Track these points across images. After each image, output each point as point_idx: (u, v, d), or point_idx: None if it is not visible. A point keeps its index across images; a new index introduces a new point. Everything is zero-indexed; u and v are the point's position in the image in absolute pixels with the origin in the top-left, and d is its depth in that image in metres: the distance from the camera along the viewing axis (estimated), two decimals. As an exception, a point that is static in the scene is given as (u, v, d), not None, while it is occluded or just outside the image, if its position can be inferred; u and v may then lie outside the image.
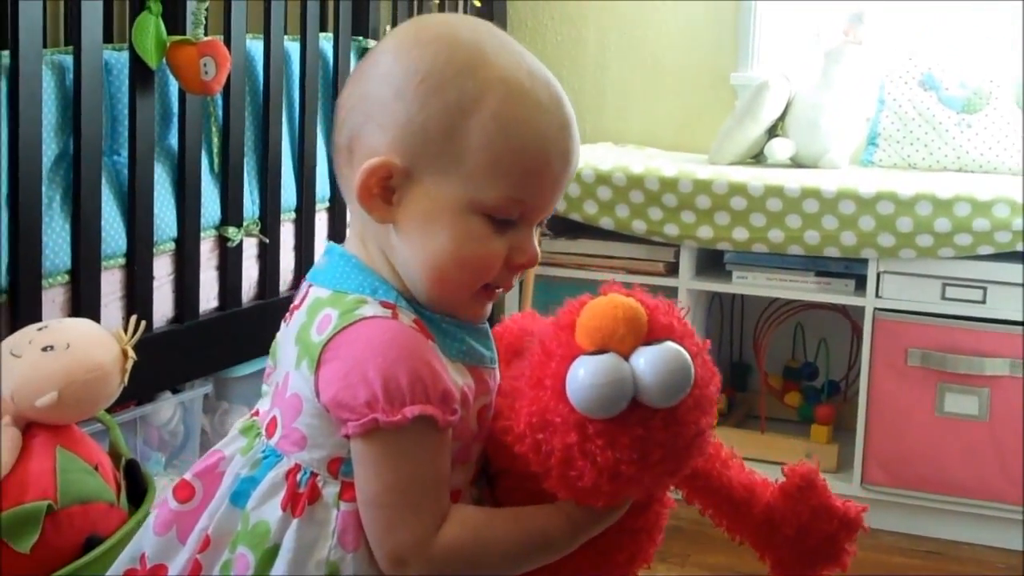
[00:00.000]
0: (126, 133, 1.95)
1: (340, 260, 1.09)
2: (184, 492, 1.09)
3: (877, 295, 2.72)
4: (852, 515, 1.19)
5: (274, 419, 1.07)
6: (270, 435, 1.07)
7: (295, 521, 1.03)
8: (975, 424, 2.66)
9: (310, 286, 1.09)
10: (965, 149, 2.99)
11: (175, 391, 2.18)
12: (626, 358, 1.02)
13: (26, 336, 1.45)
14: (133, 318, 1.51)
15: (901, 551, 2.66)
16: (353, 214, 1.11)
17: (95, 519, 1.38)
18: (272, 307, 2.32)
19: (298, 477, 1.04)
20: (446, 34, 1.06)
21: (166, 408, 2.15)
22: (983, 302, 2.65)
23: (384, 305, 1.04)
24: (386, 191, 1.04)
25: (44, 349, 1.42)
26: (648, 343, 1.03)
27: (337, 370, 1.00)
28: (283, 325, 1.11)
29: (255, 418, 1.11)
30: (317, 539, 1.03)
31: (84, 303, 1.84)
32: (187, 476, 1.10)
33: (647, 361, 1.01)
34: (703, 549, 2.49)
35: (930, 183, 2.72)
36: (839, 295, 2.81)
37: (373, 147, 1.04)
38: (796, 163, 3.04)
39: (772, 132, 3.06)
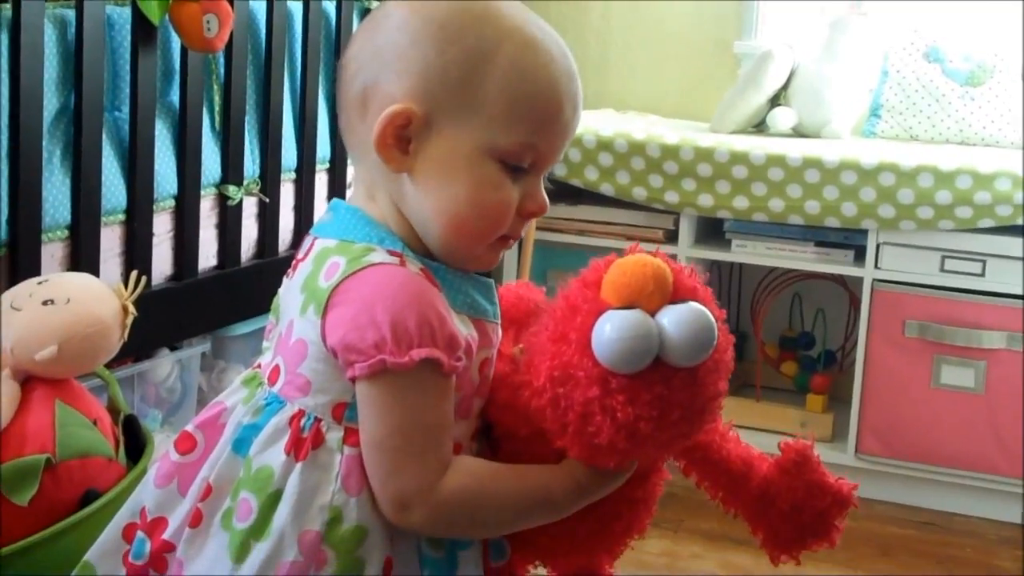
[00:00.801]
0: (127, 89, 1.94)
1: (346, 214, 1.09)
2: (186, 444, 1.09)
3: (876, 266, 2.73)
4: (845, 492, 1.20)
5: (277, 367, 1.07)
6: (272, 383, 1.07)
7: (299, 465, 1.03)
8: (971, 396, 2.67)
9: (315, 239, 1.09)
10: (968, 122, 2.99)
11: (173, 348, 2.18)
12: (652, 316, 1.02)
13: (26, 289, 1.44)
14: (134, 273, 1.51)
15: (895, 521, 2.67)
16: (363, 167, 1.11)
17: (93, 473, 1.38)
18: (271, 267, 2.31)
19: (302, 422, 1.04)
20: None
21: (164, 365, 2.14)
22: (982, 275, 2.65)
23: (392, 253, 1.04)
24: (402, 140, 1.05)
25: (44, 303, 1.41)
26: (673, 303, 1.03)
27: (345, 313, 1.00)
28: (285, 279, 1.11)
29: (257, 370, 1.11)
30: (320, 483, 1.02)
31: (83, 259, 1.84)
32: (189, 428, 1.10)
33: (672, 319, 1.01)
34: (696, 515, 2.50)
35: (932, 155, 2.72)
36: (838, 265, 2.81)
37: (391, 95, 1.04)
38: (798, 133, 3.03)
39: (775, 101, 3.06)
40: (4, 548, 1.27)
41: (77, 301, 1.42)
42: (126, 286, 1.51)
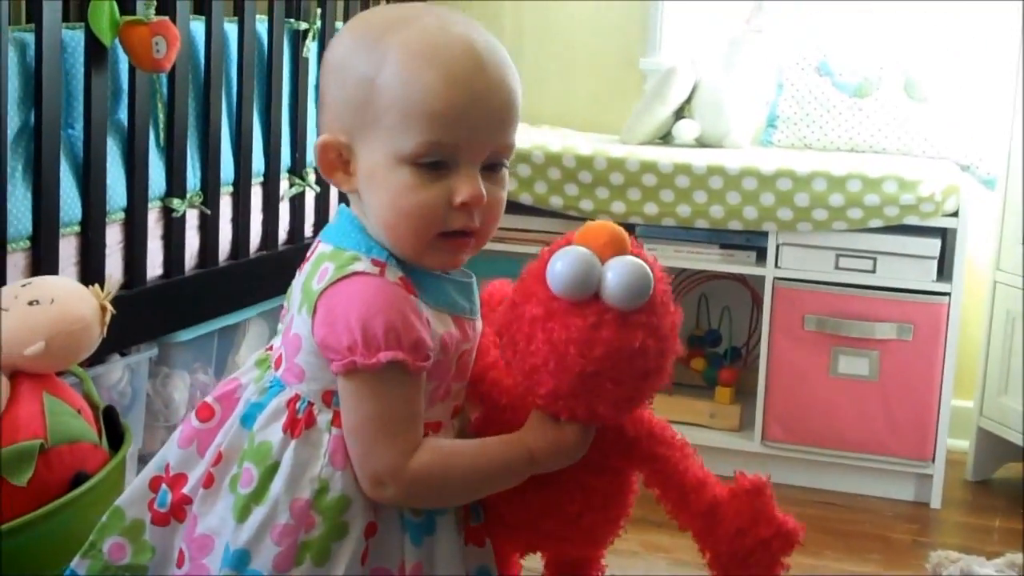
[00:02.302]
0: (79, 108, 2.05)
1: (345, 221, 1.23)
2: (205, 413, 1.24)
3: (776, 265, 2.92)
4: (788, 527, 1.26)
5: (280, 354, 1.22)
6: (277, 368, 1.22)
7: (293, 442, 1.18)
8: (866, 384, 2.88)
9: (319, 242, 1.24)
10: (857, 131, 3.20)
11: (123, 354, 2.29)
12: (601, 261, 1.18)
13: (11, 292, 1.56)
14: (109, 274, 1.63)
15: (798, 502, 2.86)
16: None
17: (82, 457, 1.50)
18: (212, 275, 2.43)
19: (297, 405, 1.19)
20: (364, 17, 1.22)
21: (115, 370, 2.24)
22: (873, 271, 2.86)
23: (375, 263, 1.18)
24: (344, 163, 1.20)
25: (30, 303, 1.53)
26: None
27: (327, 316, 1.15)
28: (299, 272, 1.25)
29: (268, 352, 1.26)
30: (311, 458, 1.18)
31: (44, 268, 1.94)
32: (208, 399, 1.25)
33: (615, 263, 1.17)
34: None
35: (825, 162, 2.92)
36: (741, 266, 3.00)
37: (322, 127, 1.22)
38: (701, 143, 3.21)
39: (679, 114, 3.24)
40: (4, 525, 1.39)
41: (61, 301, 1.54)
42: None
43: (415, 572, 1.22)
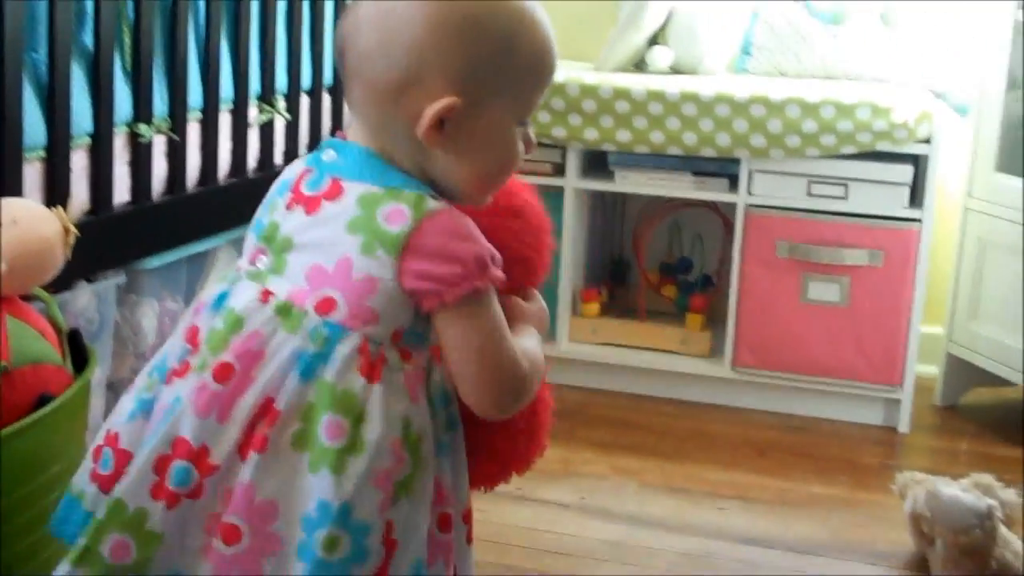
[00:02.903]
0: (43, 31, 2.02)
1: (369, 159, 1.22)
2: (225, 372, 1.17)
3: (749, 192, 2.93)
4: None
5: (330, 299, 1.18)
6: (325, 312, 1.18)
7: (377, 386, 1.17)
8: (836, 310, 2.90)
9: (339, 179, 1.21)
10: (832, 58, 3.20)
11: (89, 281, 2.27)
12: None
13: (-28, 214, 1.55)
14: (72, 197, 1.61)
15: (769, 427, 2.89)
16: (385, 134, 1.23)
17: (46, 379, 1.49)
18: (181, 202, 2.41)
19: (370, 348, 1.18)
20: None
21: (82, 296, 2.24)
22: (845, 198, 2.87)
23: (433, 197, 1.20)
24: (439, 122, 1.20)
25: (-9, 225, 1.52)
26: None
27: (429, 253, 1.16)
28: (288, 211, 1.23)
29: (284, 299, 1.20)
30: (394, 398, 1.18)
31: (8, 193, 1.92)
32: (227, 358, 1.17)
33: None
34: (587, 426, 2.68)
35: (799, 88, 2.92)
36: (714, 193, 3.00)
37: (434, 88, 1.18)
38: (675, 70, 3.21)
39: (653, 41, 3.23)
40: (-32, 446, 1.39)
41: (23, 222, 1.53)
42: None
43: (448, 488, 1.26)
